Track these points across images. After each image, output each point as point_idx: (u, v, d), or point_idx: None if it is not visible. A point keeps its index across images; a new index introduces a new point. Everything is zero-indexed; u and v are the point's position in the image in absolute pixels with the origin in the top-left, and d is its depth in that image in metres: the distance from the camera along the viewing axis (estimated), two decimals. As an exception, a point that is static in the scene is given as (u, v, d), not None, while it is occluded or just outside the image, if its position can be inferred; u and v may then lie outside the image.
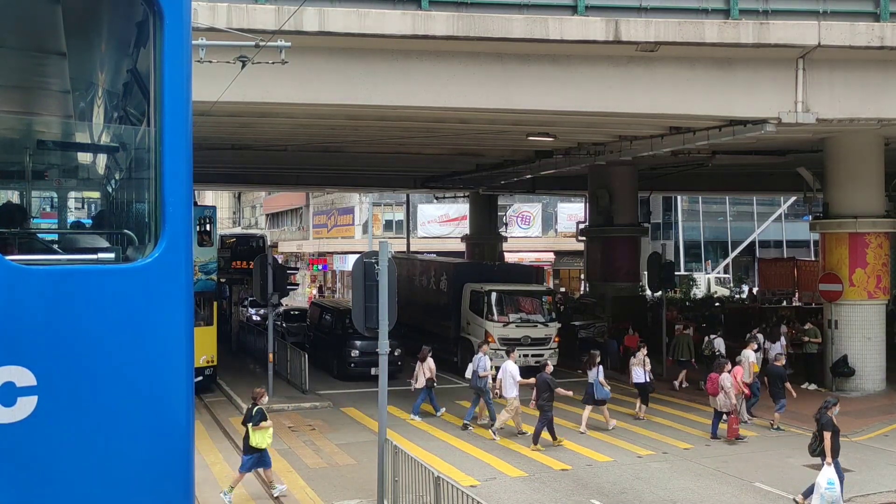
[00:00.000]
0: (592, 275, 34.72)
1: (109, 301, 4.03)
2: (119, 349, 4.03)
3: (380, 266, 12.12)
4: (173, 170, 4.19)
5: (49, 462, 3.83)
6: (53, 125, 6.11)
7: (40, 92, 5.81)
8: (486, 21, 16.61)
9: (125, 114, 5.32)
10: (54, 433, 3.82)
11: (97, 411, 3.96)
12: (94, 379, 3.95)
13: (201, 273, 22.27)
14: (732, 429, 17.62)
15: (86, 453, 3.94)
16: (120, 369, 4.03)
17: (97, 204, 7.18)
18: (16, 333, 3.73)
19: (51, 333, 3.83)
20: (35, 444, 3.78)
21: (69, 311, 3.90)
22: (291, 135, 24.27)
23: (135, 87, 4.82)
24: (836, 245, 22.94)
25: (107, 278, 4.12)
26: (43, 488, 3.85)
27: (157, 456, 4.19)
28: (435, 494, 10.87)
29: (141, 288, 4.11)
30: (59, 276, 3.98)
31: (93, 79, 5.83)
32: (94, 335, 3.96)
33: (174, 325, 4.24)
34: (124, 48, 4.95)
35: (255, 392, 14.15)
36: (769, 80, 18.34)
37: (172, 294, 4.22)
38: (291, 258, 65.08)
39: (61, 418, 3.83)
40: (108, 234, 5.36)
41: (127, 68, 5.08)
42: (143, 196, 4.54)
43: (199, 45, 13.19)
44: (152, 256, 4.15)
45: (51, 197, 7.30)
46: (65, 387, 3.84)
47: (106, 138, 5.93)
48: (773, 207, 59.67)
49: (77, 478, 3.93)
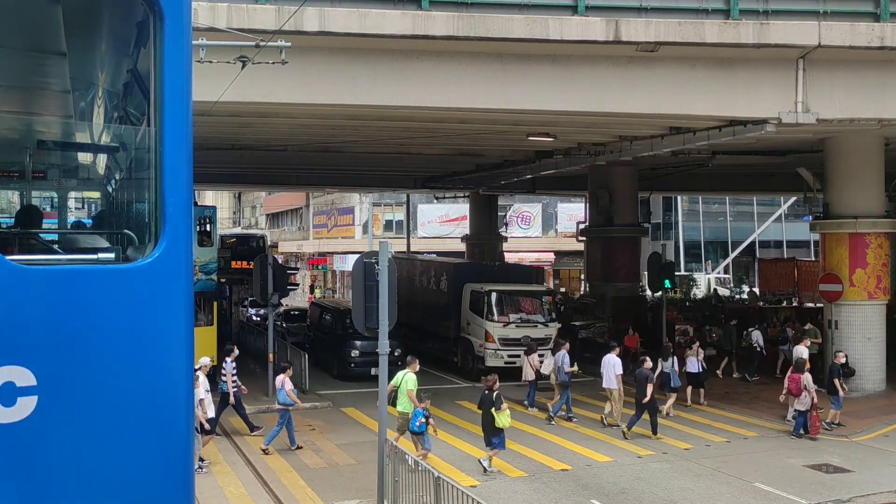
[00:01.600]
0: (592, 275, 34.72)
1: (109, 301, 4.01)
2: (119, 349, 4.02)
3: (380, 266, 12.11)
4: (174, 170, 4.17)
5: (49, 462, 3.83)
6: (53, 125, 6.08)
7: (40, 92, 5.79)
8: (486, 21, 16.61)
9: (125, 114, 5.30)
10: (54, 433, 3.82)
11: (97, 412, 3.95)
12: (95, 379, 3.94)
13: (201, 273, 22.26)
14: (815, 426, 18.14)
15: (86, 454, 3.94)
16: (120, 369, 4.02)
17: (97, 204, 7.16)
18: (16, 333, 3.71)
19: (51, 333, 3.81)
20: (35, 444, 3.78)
21: (69, 311, 3.88)
22: (291, 135, 24.27)
23: (135, 87, 4.81)
24: (836, 245, 22.93)
25: (107, 278, 4.10)
26: (43, 489, 3.84)
27: (156, 456, 4.17)
28: (435, 494, 10.87)
29: (141, 288, 4.09)
30: (59, 276, 3.97)
31: (93, 79, 5.81)
32: (94, 335, 3.95)
33: (174, 326, 4.23)
34: (124, 48, 4.93)
35: (489, 380, 15.56)
36: (769, 80, 18.34)
37: (173, 294, 4.20)
38: (291, 258, 65.08)
39: (61, 419, 3.82)
40: (109, 234, 5.33)
41: (127, 68, 5.06)
42: (144, 196, 4.52)
43: (199, 45, 13.18)
44: (152, 256, 4.12)
45: (51, 197, 7.28)
46: (65, 387, 3.83)
47: (106, 138, 5.90)
48: (774, 208, 59.64)
49: (77, 478, 3.92)
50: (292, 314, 34.39)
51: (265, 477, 14.89)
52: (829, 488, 14.69)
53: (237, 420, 18.13)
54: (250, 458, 16.19)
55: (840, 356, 19.60)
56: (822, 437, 18.19)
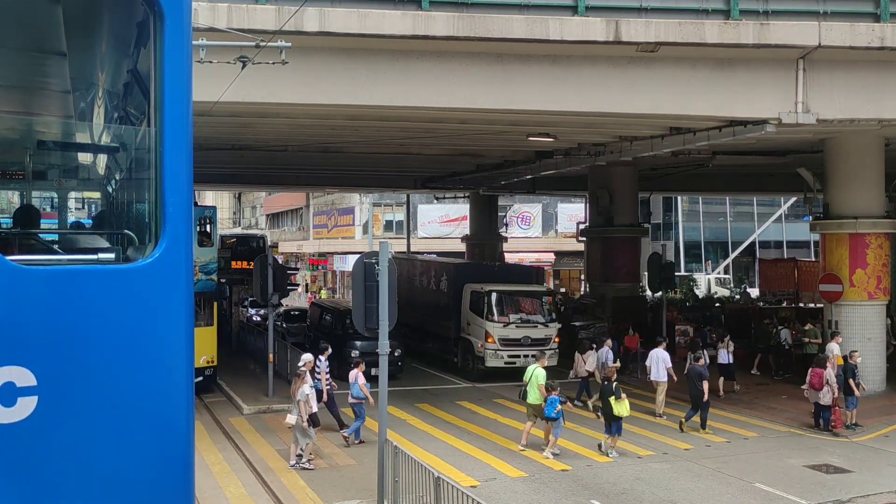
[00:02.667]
0: (593, 275, 34.70)
1: (110, 301, 4.01)
2: (119, 349, 4.02)
3: (380, 266, 12.11)
4: (174, 170, 4.17)
5: (49, 462, 3.84)
6: (54, 125, 6.09)
7: (40, 92, 5.80)
8: (486, 21, 16.60)
9: (125, 114, 5.32)
10: (54, 433, 3.82)
11: (98, 411, 3.96)
12: (95, 379, 3.94)
13: (201, 273, 22.26)
14: (838, 420, 18.60)
15: (86, 453, 3.94)
16: (120, 370, 4.02)
17: (97, 204, 7.17)
18: (16, 334, 3.71)
19: (51, 334, 3.82)
20: (35, 444, 3.78)
21: (70, 312, 3.88)
22: (291, 135, 24.27)
23: (135, 88, 4.81)
24: (836, 245, 22.93)
25: (107, 278, 4.10)
26: (43, 488, 3.85)
27: (157, 456, 4.18)
28: (435, 495, 10.86)
29: (141, 288, 4.09)
30: (59, 276, 3.97)
31: (93, 79, 5.82)
32: (94, 335, 3.95)
33: (174, 326, 4.24)
34: (124, 48, 4.93)
35: (608, 370, 17.98)
36: (769, 80, 18.33)
37: (173, 294, 4.20)
38: (291, 258, 65.07)
39: (61, 418, 3.83)
40: (109, 234, 5.35)
41: (127, 69, 5.07)
42: (144, 196, 4.53)
43: (199, 46, 13.18)
44: (153, 257, 4.13)
45: (51, 197, 7.27)
46: (65, 387, 3.84)
47: (106, 139, 5.92)
48: (774, 208, 59.65)
49: (77, 478, 3.93)
50: (292, 314, 34.37)
51: (265, 477, 14.88)
52: (829, 489, 14.69)
53: (237, 420, 18.10)
54: (250, 457, 16.18)
55: (856, 356, 19.58)
56: (823, 438, 18.21)
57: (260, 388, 22.26)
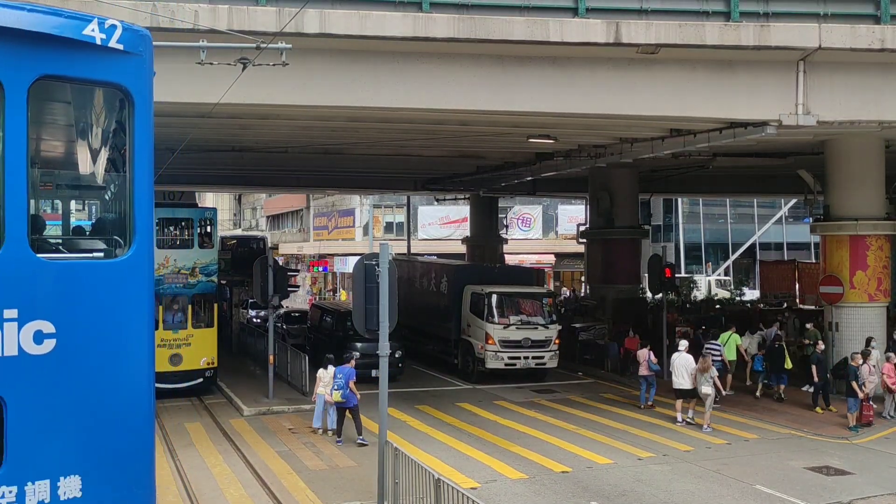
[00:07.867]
0: (593, 277, 34.71)
1: (100, 283, 6.55)
2: (105, 315, 6.52)
3: (380, 268, 12.11)
4: (140, 200, 6.66)
5: (63, 381, 6.29)
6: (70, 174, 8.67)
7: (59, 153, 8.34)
8: (486, 23, 16.61)
9: (109, 163, 7.67)
10: (66, 363, 6.26)
11: (92, 353, 6.43)
12: (91, 332, 6.41)
13: (202, 275, 22.27)
14: (865, 415, 18.96)
15: (85, 378, 6.40)
16: (106, 328, 6.52)
17: (95, 218, 9.58)
18: (43, 300, 6.20)
19: (64, 301, 6.29)
20: (55, 369, 6.21)
21: (76, 288, 6.40)
22: (292, 136, 24.28)
23: (115, 146, 7.20)
24: (836, 247, 22.93)
25: (98, 269, 6.79)
26: (59, 397, 6.27)
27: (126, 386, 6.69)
28: (435, 496, 10.87)
29: (120, 275, 6.64)
30: (69, 266, 6.70)
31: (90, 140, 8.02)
32: (91, 304, 6.44)
33: (140, 297, 6.74)
34: (110, 119, 7.29)
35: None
36: (770, 82, 18.34)
37: (139, 281, 6.72)
38: (292, 260, 65.09)
39: (70, 354, 6.27)
40: (101, 238, 7.53)
41: (111, 131, 7.44)
42: (122, 215, 6.86)
43: (200, 47, 13.20)
44: (128, 255, 6.65)
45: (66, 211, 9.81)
46: (73, 335, 6.28)
47: (97, 180, 8.40)
48: (774, 210, 59.65)
49: (79, 391, 6.37)
50: (293, 316, 34.36)
51: (265, 478, 14.88)
52: (829, 490, 14.69)
53: (237, 421, 18.07)
54: (250, 459, 16.18)
55: (857, 358, 19.57)
56: (823, 440, 18.21)
57: (260, 389, 22.27)
